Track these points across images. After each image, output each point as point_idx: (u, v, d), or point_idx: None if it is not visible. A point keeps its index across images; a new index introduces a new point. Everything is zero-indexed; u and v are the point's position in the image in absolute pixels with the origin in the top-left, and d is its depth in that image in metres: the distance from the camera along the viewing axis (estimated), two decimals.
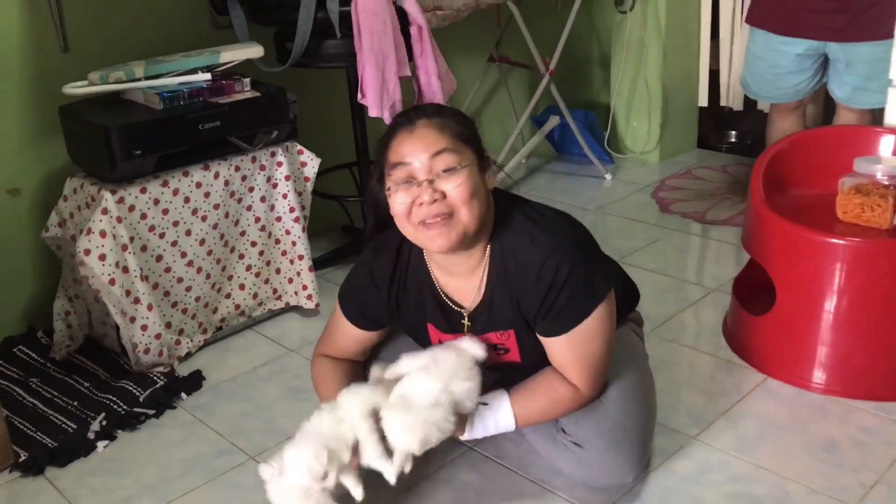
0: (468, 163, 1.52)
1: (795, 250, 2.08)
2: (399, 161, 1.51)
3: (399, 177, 1.51)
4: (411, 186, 1.50)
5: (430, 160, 1.49)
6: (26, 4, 2.32)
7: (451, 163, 1.49)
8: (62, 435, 2.05)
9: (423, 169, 1.49)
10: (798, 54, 2.70)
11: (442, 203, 1.49)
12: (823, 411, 2.04)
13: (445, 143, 1.50)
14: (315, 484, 1.51)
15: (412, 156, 1.50)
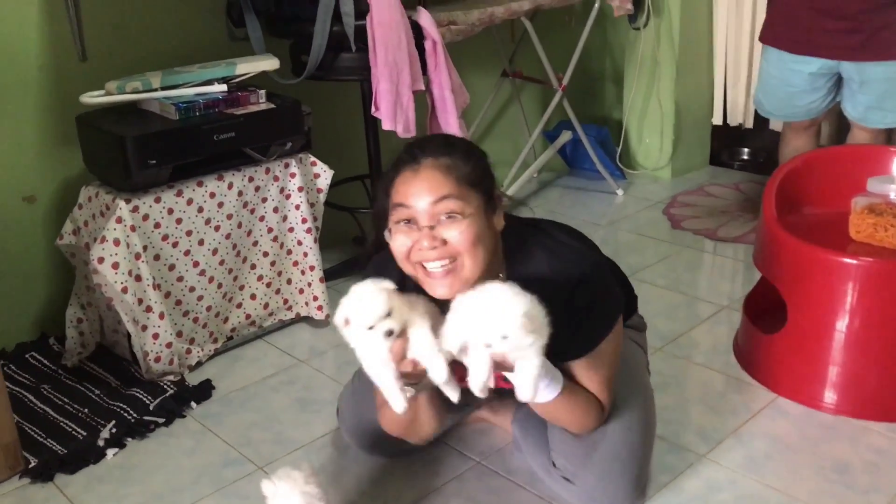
0: (472, 210, 1.45)
1: (808, 269, 2.08)
2: (401, 203, 1.46)
3: (400, 217, 1.47)
4: (412, 230, 1.46)
5: (433, 206, 1.43)
6: (46, 14, 2.35)
7: (455, 209, 1.43)
8: (72, 442, 2.06)
9: (425, 214, 1.44)
10: (811, 73, 2.70)
11: (443, 249, 1.43)
12: (834, 432, 2.03)
13: (449, 189, 1.44)
14: (377, 324, 1.38)
15: (414, 199, 1.44)
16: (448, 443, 2.02)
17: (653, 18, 3.54)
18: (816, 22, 2.63)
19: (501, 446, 2.00)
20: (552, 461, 1.74)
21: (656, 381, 2.23)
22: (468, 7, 2.84)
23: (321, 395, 2.26)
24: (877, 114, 2.68)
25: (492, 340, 1.33)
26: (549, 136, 3.70)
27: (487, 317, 1.33)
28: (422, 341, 1.41)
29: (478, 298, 1.36)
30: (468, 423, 2.07)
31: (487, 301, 1.34)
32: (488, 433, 2.05)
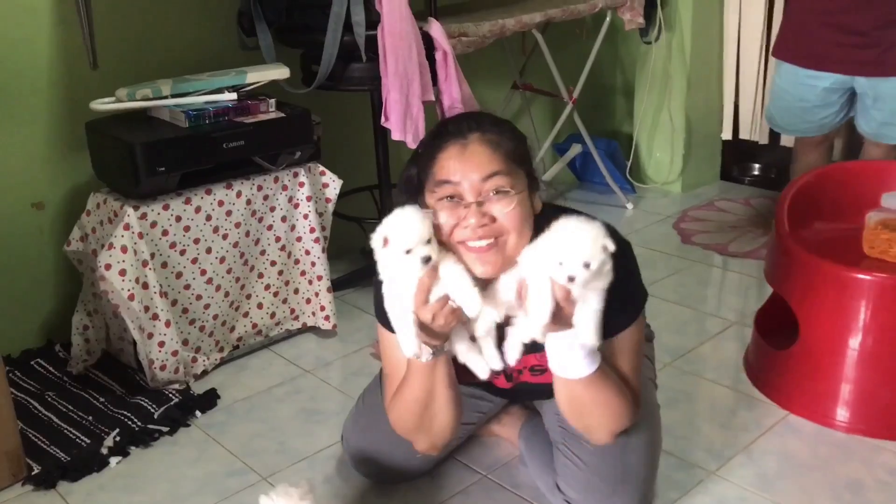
0: (522, 187, 1.42)
1: (820, 285, 2.05)
2: (446, 179, 1.40)
3: (444, 194, 1.40)
4: (457, 206, 1.39)
5: (482, 182, 1.38)
6: (58, 21, 2.35)
7: (504, 185, 1.39)
8: (75, 449, 2.04)
9: (473, 190, 1.38)
10: (825, 88, 2.68)
11: (490, 227, 1.38)
12: (847, 450, 1.99)
13: (499, 165, 1.39)
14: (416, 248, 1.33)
15: (462, 175, 1.38)
16: (455, 456, 2.00)
17: (664, 33, 3.53)
18: (830, 37, 2.61)
19: (508, 460, 1.98)
20: (556, 483, 1.71)
21: (665, 396, 2.21)
22: (479, 19, 2.83)
23: (327, 405, 2.24)
24: (891, 129, 2.66)
25: (574, 268, 1.30)
26: (559, 149, 3.69)
27: (574, 243, 1.31)
28: (455, 272, 1.37)
29: (564, 227, 1.34)
30: (476, 435, 2.04)
31: (575, 229, 1.33)
32: (494, 447, 2.03)
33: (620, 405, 1.50)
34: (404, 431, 1.62)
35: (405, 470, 1.85)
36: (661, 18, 3.48)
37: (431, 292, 1.37)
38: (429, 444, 1.61)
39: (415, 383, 1.49)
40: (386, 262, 1.39)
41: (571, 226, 1.33)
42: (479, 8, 3.04)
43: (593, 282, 1.34)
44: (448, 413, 1.54)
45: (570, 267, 1.30)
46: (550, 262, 1.31)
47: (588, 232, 1.32)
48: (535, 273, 1.35)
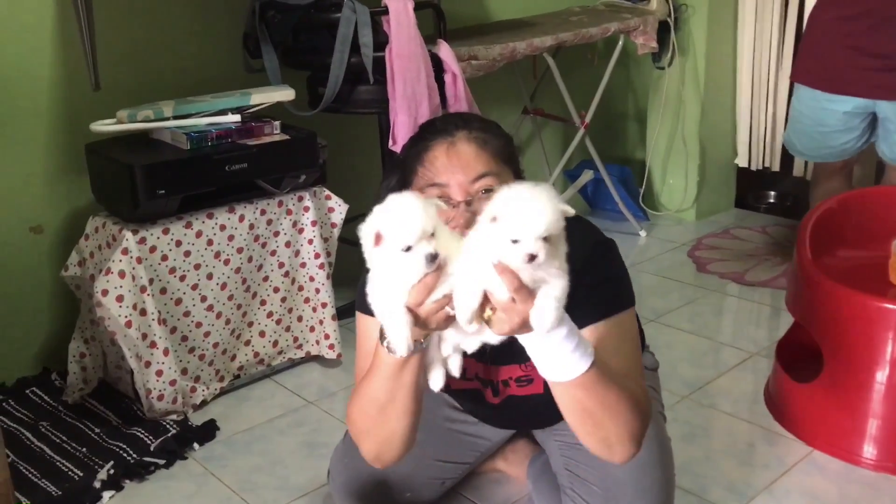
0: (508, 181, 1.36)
1: (845, 314, 1.97)
2: (434, 181, 1.36)
3: (431, 195, 1.36)
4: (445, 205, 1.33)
5: (471, 184, 1.34)
6: (60, 42, 2.31)
7: (493, 185, 1.33)
8: (67, 483, 1.97)
9: (461, 191, 1.34)
10: (846, 112, 2.61)
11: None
12: (876, 490, 1.90)
13: (487, 165, 1.35)
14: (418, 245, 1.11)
15: (449, 175, 1.35)
16: (463, 493, 1.91)
17: (678, 58, 3.47)
18: (851, 60, 2.55)
19: (517, 498, 1.89)
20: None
21: (682, 430, 2.13)
22: (490, 42, 2.79)
23: (330, 438, 2.15)
24: None
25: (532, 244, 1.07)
26: (571, 175, 3.63)
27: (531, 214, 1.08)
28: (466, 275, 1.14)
29: (511, 196, 1.12)
30: (482, 472, 1.96)
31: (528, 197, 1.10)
32: (504, 483, 1.94)
33: (631, 404, 1.31)
34: (355, 431, 1.46)
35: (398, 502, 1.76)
36: (674, 43, 3.43)
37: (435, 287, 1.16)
38: (374, 452, 1.43)
39: (376, 383, 1.34)
40: (378, 261, 1.16)
41: (521, 194, 1.10)
42: (490, 31, 2.99)
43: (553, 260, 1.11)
44: (403, 423, 1.38)
45: (528, 243, 1.07)
46: (501, 242, 1.09)
47: (543, 197, 1.09)
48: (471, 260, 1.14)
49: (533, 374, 1.53)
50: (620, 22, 3.19)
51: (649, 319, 2.74)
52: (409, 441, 1.41)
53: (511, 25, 3.12)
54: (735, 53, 3.56)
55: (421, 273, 1.13)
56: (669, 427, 1.71)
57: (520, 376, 1.55)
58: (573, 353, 1.20)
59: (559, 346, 1.19)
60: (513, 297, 1.12)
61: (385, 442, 1.40)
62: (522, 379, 1.56)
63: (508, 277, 1.10)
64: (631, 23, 3.22)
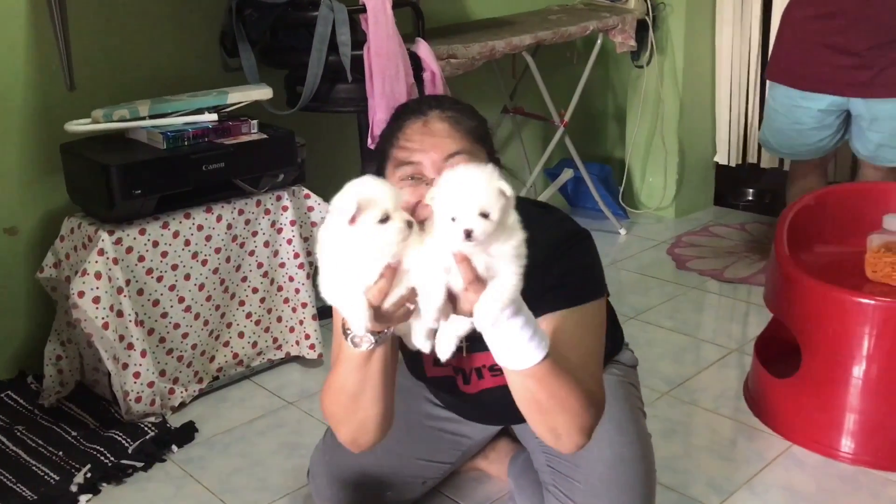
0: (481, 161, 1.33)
1: (823, 310, 1.98)
2: (407, 160, 1.34)
3: (405, 174, 1.33)
4: (419, 184, 1.32)
5: (444, 161, 1.32)
6: (34, 41, 2.28)
7: (466, 161, 1.31)
8: (43, 487, 1.94)
9: (434, 168, 1.32)
10: (820, 110, 2.63)
11: None
12: (854, 483, 1.91)
13: (461, 144, 1.34)
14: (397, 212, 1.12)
15: (422, 153, 1.33)
16: (444, 492, 1.90)
17: (656, 56, 3.49)
18: (825, 58, 2.57)
19: (498, 497, 1.89)
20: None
21: (663, 427, 2.13)
22: (469, 41, 2.78)
23: (310, 439, 2.13)
24: (888, 152, 2.60)
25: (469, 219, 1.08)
26: (551, 173, 3.63)
27: (464, 190, 1.11)
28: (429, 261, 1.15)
29: (448, 176, 1.15)
30: (463, 471, 1.95)
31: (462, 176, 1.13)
32: (485, 482, 1.93)
33: (583, 398, 1.31)
34: (329, 419, 1.46)
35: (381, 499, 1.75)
36: (652, 41, 3.44)
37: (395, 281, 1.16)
38: (351, 436, 1.43)
39: (345, 374, 1.34)
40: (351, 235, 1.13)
41: (457, 173, 1.13)
42: (469, 30, 2.99)
43: (498, 243, 1.12)
44: (375, 409, 1.38)
45: (464, 220, 1.08)
46: (442, 221, 1.10)
47: (478, 175, 1.11)
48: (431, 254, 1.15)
49: None
50: (599, 21, 3.19)
51: (629, 317, 2.75)
52: (386, 424, 1.41)
53: (490, 24, 3.12)
54: (713, 51, 3.58)
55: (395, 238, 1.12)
56: (650, 423, 1.71)
57: (493, 364, 1.52)
58: (528, 343, 1.21)
59: (514, 334, 1.20)
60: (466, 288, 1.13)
61: (360, 428, 1.40)
62: (496, 367, 1.51)
63: (464, 267, 1.12)
64: (609, 21, 3.23)
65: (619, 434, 1.56)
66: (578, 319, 1.38)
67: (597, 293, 1.43)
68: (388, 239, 1.12)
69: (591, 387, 1.34)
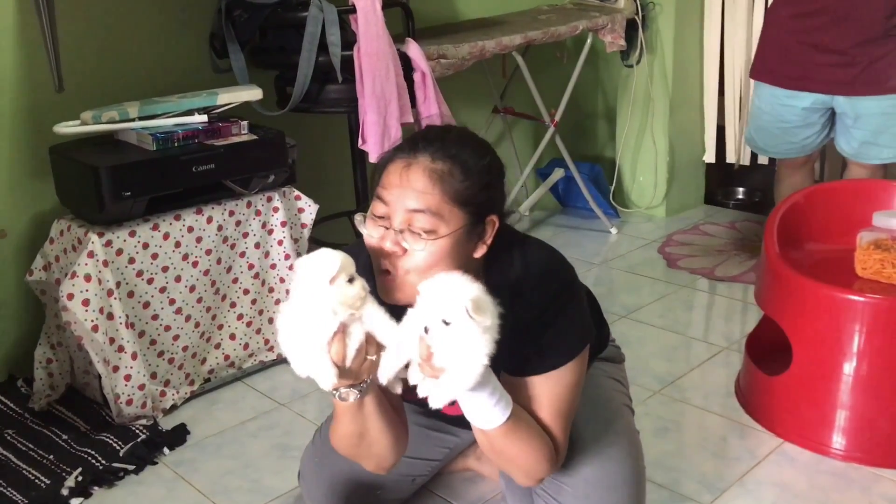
0: (447, 230, 1.31)
1: (813, 307, 1.99)
2: (381, 197, 1.33)
3: (376, 212, 1.33)
4: (382, 225, 1.32)
5: (407, 213, 1.30)
6: (22, 42, 2.27)
7: (426, 227, 1.29)
8: (34, 491, 1.93)
9: (399, 217, 1.30)
10: (805, 108, 2.65)
11: (400, 258, 1.31)
12: (846, 479, 1.92)
13: (429, 203, 1.29)
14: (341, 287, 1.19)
15: (394, 196, 1.31)
16: (436, 491, 1.90)
17: (646, 55, 3.49)
18: (809, 56, 2.58)
19: (491, 496, 1.89)
20: None
21: (654, 425, 2.13)
22: (458, 41, 2.78)
23: (302, 440, 2.11)
24: (872, 149, 2.62)
25: (430, 320, 1.17)
26: (542, 173, 3.64)
27: (432, 300, 1.19)
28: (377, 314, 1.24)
29: (433, 281, 1.21)
30: (455, 471, 1.95)
31: (438, 284, 1.20)
32: (477, 482, 1.93)
33: (539, 457, 1.39)
34: (349, 457, 1.51)
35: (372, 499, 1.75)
36: (642, 41, 3.45)
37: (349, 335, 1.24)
38: (374, 465, 1.50)
39: (343, 423, 1.40)
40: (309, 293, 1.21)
41: (437, 281, 1.21)
42: (459, 30, 2.99)
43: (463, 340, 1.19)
44: (385, 440, 1.44)
45: (427, 319, 1.19)
46: (419, 312, 1.20)
47: (450, 289, 1.19)
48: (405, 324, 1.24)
49: None
50: (589, 20, 3.20)
51: (620, 315, 2.75)
52: (402, 445, 1.48)
53: (480, 24, 3.12)
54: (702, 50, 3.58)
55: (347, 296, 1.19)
56: (641, 422, 1.71)
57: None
58: (492, 409, 1.30)
59: (478, 401, 1.29)
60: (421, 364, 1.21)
61: (379, 457, 1.46)
62: None
63: (422, 347, 1.19)
64: (599, 21, 3.23)
65: (605, 433, 1.56)
66: (557, 380, 1.42)
67: (578, 350, 1.43)
68: (354, 295, 1.20)
69: (557, 439, 1.42)
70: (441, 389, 1.22)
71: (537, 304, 1.40)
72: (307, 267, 1.21)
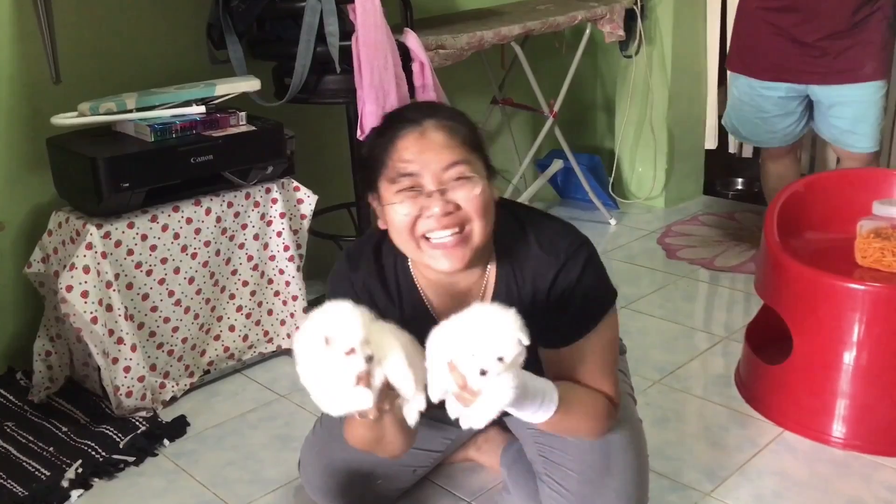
0: (480, 172, 1.37)
1: (813, 296, 1.99)
2: (405, 172, 1.33)
3: (404, 186, 1.33)
4: (418, 196, 1.33)
5: (444, 171, 1.33)
6: (18, 33, 2.26)
7: (466, 173, 1.34)
8: (34, 483, 1.93)
9: (434, 179, 1.32)
10: (781, 97, 2.68)
11: (455, 215, 1.33)
12: (846, 468, 1.92)
13: (459, 154, 1.34)
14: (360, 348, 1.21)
15: (421, 164, 1.32)
16: (437, 482, 1.90)
17: (644, 46, 3.48)
18: (782, 48, 2.61)
19: (491, 486, 1.89)
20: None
21: (655, 415, 2.14)
22: (457, 31, 2.77)
23: (302, 431, 2.11)
24: (850, 137, 2.64)
25: (487, 362, 1.19)
26: (541, 165, 3.63)
27: (489, 336, 1.20)
28: (398, 365, 1.28)
29: (467, 319, 1.23)
30: (455, 461, 1.95)
31: (490, 320, 1.21)
32: (478, 472, 1.93)
33: (597, 420, 1.46)
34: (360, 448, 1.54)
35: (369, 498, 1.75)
36: (641, 31, 3.44)
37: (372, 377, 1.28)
38: (387, 455, 1.54)
39: (362, 431, 1.45)
40: (321, 362, 1.25)
41: (487, 316, 1.23)
42: (457, 20, 2.98)
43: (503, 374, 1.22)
44: (400, 438, 1.48)
45: (482, 360, 1.20)
46: (462, 350, 1.21)
47: (504, 325, 1.21)
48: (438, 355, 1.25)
49: None
50: (587, 10, 3.19)
51: (621, 306, 2.74)
52: (414, 436, 1.51)
53: (478, 14, 3.11)
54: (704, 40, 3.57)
55: (358, 370, 1.22)
56: (642, 411, 1.71)
57: None
58: (537, 412, 1.35)
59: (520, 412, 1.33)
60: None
61: (392, 451, 1.51)
62: None
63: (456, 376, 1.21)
64: (598, 11, 3.22)
65: None
66: (596, 341, 1.45)
67: (607, 306, 1.47)
68: (349, 367, 1.21)
69: (610, 394, 1.46)
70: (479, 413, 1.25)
71: (554, 264, 1.41)
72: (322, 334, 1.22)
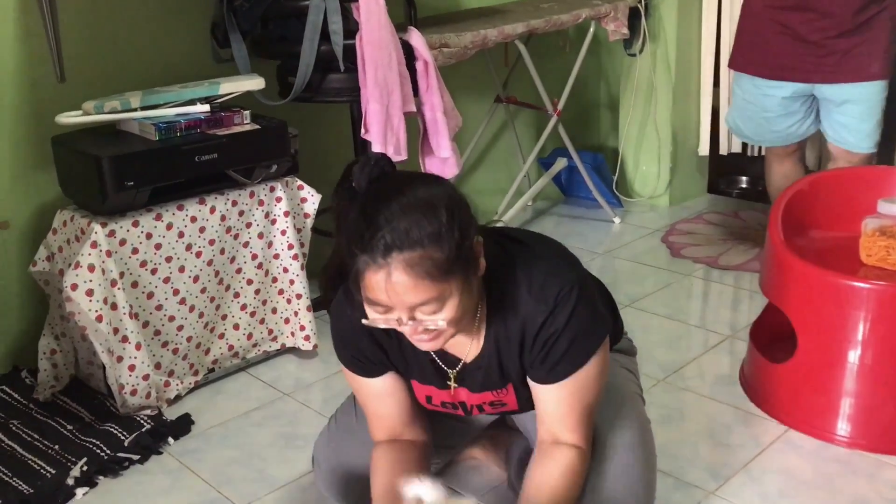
0: (453, 291, 1.31)
1: (818, 294, 1.98)
2: (376, 301, 1.31)
3: (376, 308, 1.32)
4: (390, 312, 1.31)
5: (410, 310, 1.30)
6: (23, 32, 2.26)
7: (436, 309, 1.30)
8: (39, 481, 1.93)
9: (405, 312, 1.30)
10: (785, 97, 2.66)
11: (427, 333, 1.34)
12: (850, 467, 1.92)
13: (427, 292, 1.27)
14: None
15: (391, 302, 1.29)
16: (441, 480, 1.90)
17: (648, 44, 3.48)
18: (788, 47, 2.60)
19: (497, 484, 1.89)
20: None
21: (659, 413, 2.13)
22: (461, 29, 2.77)
23: (307, 430, 2.14)
24: (854, 135, 2.63)
25: None
26: (544, 163, 3.63)
27: None
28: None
29: None
30: (460, 460, 1.95)
31: None
32: (482, 471, 1.94)
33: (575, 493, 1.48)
34: None
35: None
36: (645, 29, 3.44)
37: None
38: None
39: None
40: None
41: None
42: (461, 19, 2.98)
43: None
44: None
45: None
46: None
47: None
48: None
49: (505, 398, 1.56)
50: (591, 8, 3.19)
51: (625, 305, 2.75)
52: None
53: (482, 13, 3.10)
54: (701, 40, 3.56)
55: None
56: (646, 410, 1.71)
57: (493, 401, 1.57)
58: None
59: None
60: None
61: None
62: (496, 403, 1.58)
63: None
64: (602, 9, 3.22)
65: (618, 419, 1.57)
66: (576, 384, 1.45)
67: (596, 347, 1.45)
68: None
69: (578, 444, 1.48)
70: None
71: (543, 311, 1.41)
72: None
